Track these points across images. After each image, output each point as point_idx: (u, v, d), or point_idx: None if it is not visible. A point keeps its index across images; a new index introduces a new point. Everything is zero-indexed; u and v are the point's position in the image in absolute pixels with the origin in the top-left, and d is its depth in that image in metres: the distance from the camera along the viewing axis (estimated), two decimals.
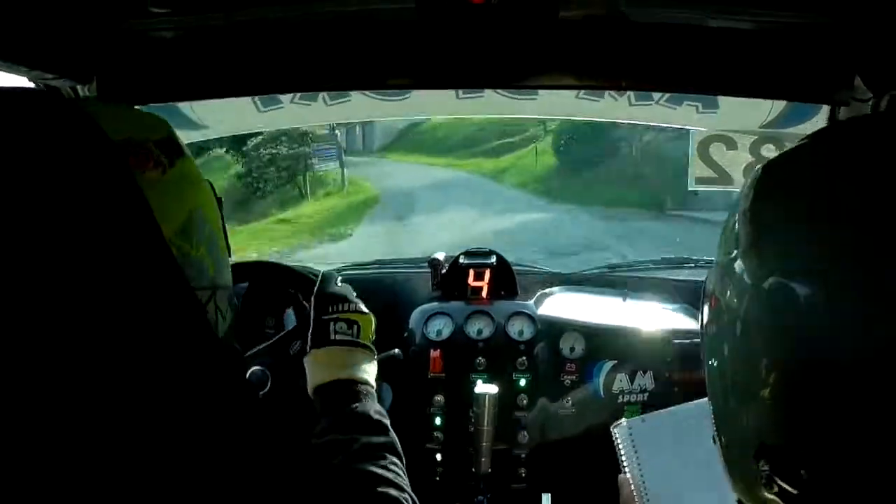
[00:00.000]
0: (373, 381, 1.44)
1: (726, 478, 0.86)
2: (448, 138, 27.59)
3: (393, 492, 1.19)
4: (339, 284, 1.58)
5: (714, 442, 0.88)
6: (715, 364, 0.83)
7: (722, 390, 0.83)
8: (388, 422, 1.35)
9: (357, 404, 1.36)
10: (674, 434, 1.62)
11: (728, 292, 0.79)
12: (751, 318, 0.74)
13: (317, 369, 1.43)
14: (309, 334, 1.48)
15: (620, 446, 1.65)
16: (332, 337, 1.46)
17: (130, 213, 0.74)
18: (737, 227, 0.79)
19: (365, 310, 1.54)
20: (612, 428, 1.68)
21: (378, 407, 1.38)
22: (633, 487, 1.58)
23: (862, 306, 0.65)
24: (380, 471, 1.23)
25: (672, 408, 1.69)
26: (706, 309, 0.86)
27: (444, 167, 25.07)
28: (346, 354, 1.45)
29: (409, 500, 1.22)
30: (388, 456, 1.28)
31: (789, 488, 0.73)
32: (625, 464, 1.62)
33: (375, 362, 1.48)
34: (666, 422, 1.67)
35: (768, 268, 0.73)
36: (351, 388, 1.39)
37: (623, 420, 1.68)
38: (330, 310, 1.51)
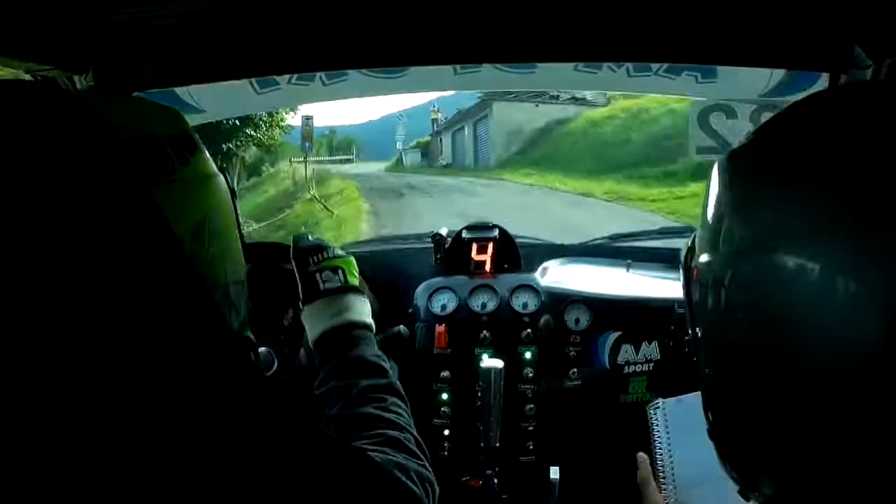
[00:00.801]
0: (368, 321, 1.45)
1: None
2: (585, 151, 25.52)
3: (393, 432, 1.20)
4: (311, 238, 1.59)
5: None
6: (701, 333, 0.84)
7: (706, 359, 0.84)
8: (386, 364, 1.37)
9: (353, 349, 1.37)
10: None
11: (711, 262, 0.79)
12: (732, 288, 0.74)
13: (312, 323, 1.45)
14: (299, 292, 1.50)
15: (654, 426, 1.66)
16: (321, 287, 1.48)
17: (137, 213, 0.73)
18: (721, 196, 0.79)
19: (342, 253, 1.56)
20: (647, 407, 1.69)
21: (375, 350, 1.40)
22: (660, 466, 1.59)
23: (846, 279, 0.64)
24: (379, 412, 1.24)
25: None
26: (690, 277, 0.87)
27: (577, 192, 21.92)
28: (337, 301, 1.46)
29: (413, 439, 1.24)
30: (388, 397, 1.30)
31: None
32: (656, 443, 1.63)
33: (367, 301, 1.50)
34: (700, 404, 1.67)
35: (750, 236, 0.73)
36: (346, 333, 1.41)
37: (659, 400, 1.69)
38: (311, 262, 1.53)
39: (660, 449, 1.62)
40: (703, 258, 0.80)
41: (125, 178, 0.73)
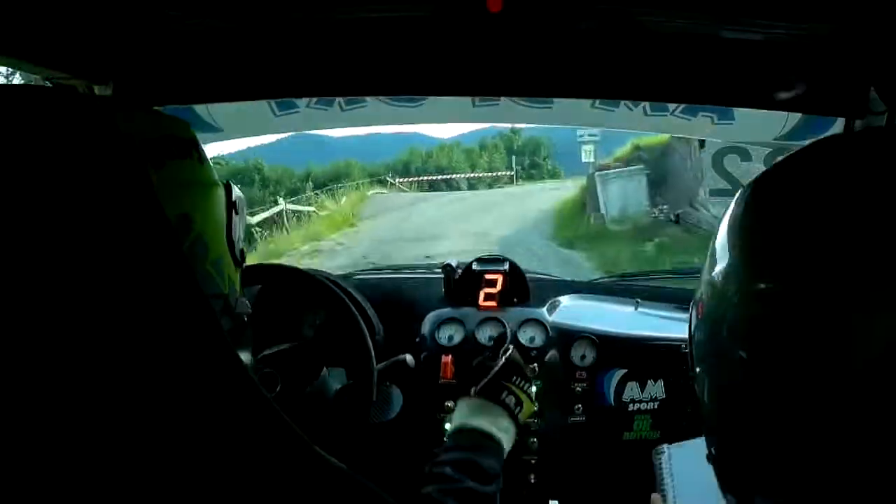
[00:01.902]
0: (506, 445, 1.50)
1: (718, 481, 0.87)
2: None
3: None
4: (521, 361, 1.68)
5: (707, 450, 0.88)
6: (702, 371, 0.84)
7: (708, 394, 0.83)
8: (499, 479, 1.41)
9: (480, 455, 1.41)
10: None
11: (711, 300, 0.80)
12: (732, 325, 0.75)
13: (468, 410, 1.53)
14: (484, 381, 1.58)
15: (659, 472, 1.66)
16: (500, 398, 1.55)
17: (146, 221, 0.74)
18: (724, 234, 0.80)
19: (533, 396, 1.65)
20: (653, 452, 1.69)
21: (496, 466, 1.44)
22: None
23: (848, 321, 0.65)
24: None
25: None
26: (693, 315, 0.87)
27: None
28: (499, 413, 1.53)
29: None
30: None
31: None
32: (662, 489, 1.63)
33: (514, 433, 1.55)
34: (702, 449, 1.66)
35: (753, 277, 0.73)
36: (486, 438, 1.46)
37: (664, 445, 1.69)
38: (513, 379, 1.60)
39: (664, 494, 1.61)
40: (707, 294, 0.81)
41: (136, 182, 0.74)
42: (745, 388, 0.74)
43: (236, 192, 1.14)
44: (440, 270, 2.31)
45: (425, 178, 40.06)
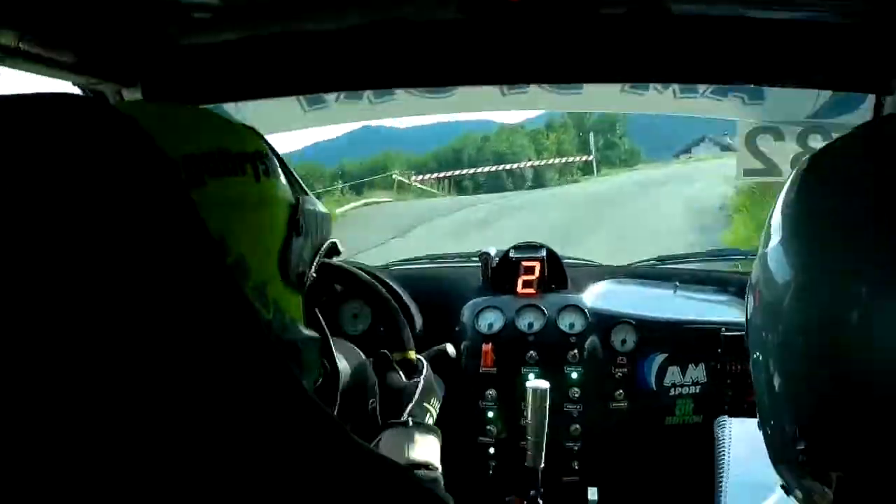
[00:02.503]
0: (438, 465, 1.51)
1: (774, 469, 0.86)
2: None
3: None
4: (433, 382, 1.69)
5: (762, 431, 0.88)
6: (758, 357, 0.82)
7: (766, 381, 0.82)
8: None
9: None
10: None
11: (768, 285, 0.78)
12: (789, 314, 0.73)
13: (401, 444, 1.50)
14: (410, 407, 1.57)
15: (719, 442, 1.66)
16: (424, 420, 1.56)
17: (179, 228, 0.73)
18: (779, 217, 0.78)
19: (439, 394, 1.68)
20: (714, 423, 1.69)
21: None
22: (718, 483, 1.59)
23: None
24: None
25: None
26: (750, 300, 0.86)
27: None
28: (431, 438, 1.53)
29: None
30: None
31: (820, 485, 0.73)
32: (719, 460, 1.62)
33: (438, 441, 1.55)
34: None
35: (807, 262, 0.72)
36: (422, 471, 1.46)
37: (726, 417, 1.68)
38: (431, 402, 1.62)
39: (720, 466, 1.61)
40: (763, 280, 0.80)
41: (169, 194, 0.73)
42: (805, 379, 0.73)
43: (315, 209, 1.09)
44: (477, 259, 2.31)
45: (471, 171, 27.48)
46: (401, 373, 1.64)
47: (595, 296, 2.26)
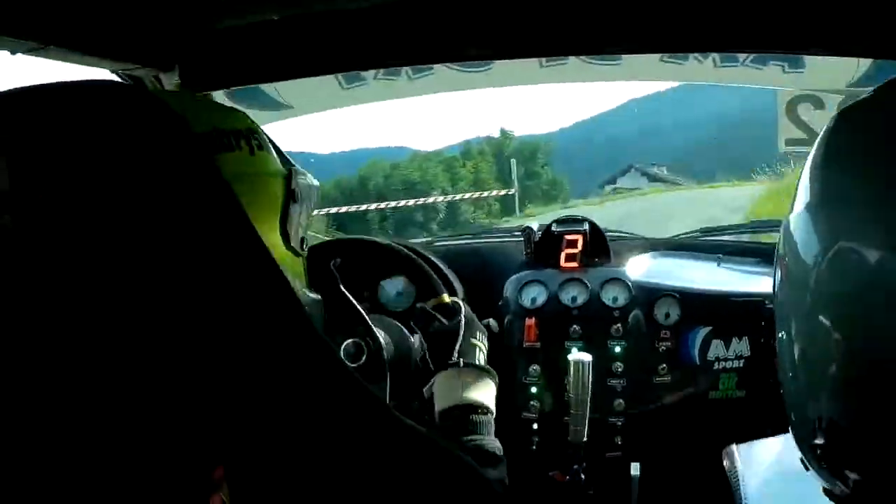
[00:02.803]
0: (492, 406, 1.49)
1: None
2: None
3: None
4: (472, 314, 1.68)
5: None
6: (783, 336, 0.78)
7: (790, 363, 0.78)
8: (501, 454, 1.38)
9: (475, 436, 1.39)
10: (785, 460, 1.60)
11: (795, 257, 0.74)
12: (816, 291, 0.69)
13: (452, 387, 1.49)
14: (457, 345, 1.56)
15: (730, 474, 1.64)
16: (483, 364, 1.55)
17: (221, 209, 0.75)
18: (807, 182, 0.75)
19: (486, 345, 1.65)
20: (723, 454, 1.68)
21: (495, 442, 1.41)
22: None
23: None
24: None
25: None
26: (777, 273, 0.81)
27: None
28: (487, 380, 1.51)
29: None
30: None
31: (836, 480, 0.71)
32: (735, 491, 1.62)
33: (495, 385, 1.54)
34: (775, 447, 1.64)
35: (836, 232, 0.68)
36: (473, 415, 1.43)
37: (732, 446, 1.67)
38: (477, 336, 1.61)
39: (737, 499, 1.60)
40: (789, 251, 0.76)
41: (201, 170, 0.74)
42: (829, 365, 0.69)
43: (306, 180, 1.14)
44: (520, 234, 2.30)
45: (372, 206, 19.61)
46: (441, 319, 1.64)
47: (638, 269, 2.25)
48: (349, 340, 1.77)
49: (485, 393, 1.49)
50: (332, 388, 0.77)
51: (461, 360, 1.53)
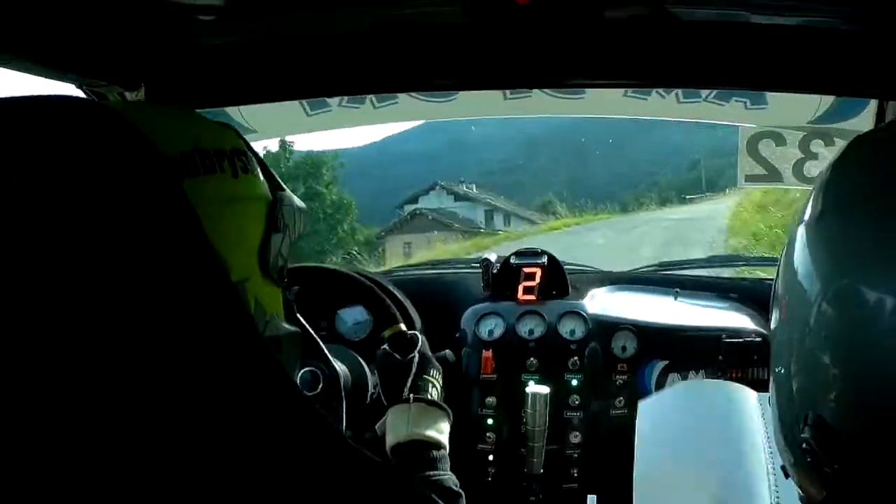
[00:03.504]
0: (446, 442, 1.49)
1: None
2: None
3: None
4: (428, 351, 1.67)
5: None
6: (781, 371, 0.80)
7: (786, 391, 0.79)
8: (460, 491, 1.39)
9: (432, 472, 1.39)
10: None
11: (794, 295, 0.75)
12: (818, 321, 0.70)
13: (406, 422, 1.48)
14: (409, 380, 1.56)
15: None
16: (436, 400, 1.54)
17: (180, 231, 0.74)
18: (804, 227, 0.75)
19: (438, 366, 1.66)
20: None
21: (452, 477, 1.42)
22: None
23: None
24: None
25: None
26: (775, 314, 0.83)
27: None
28: (436, 414, 1.51)
29: None
30: None
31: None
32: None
33: (448, 421, 1.53)
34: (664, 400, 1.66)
35: (839, 270, 0.69)
36: (429, 451, 1.44)
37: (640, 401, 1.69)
38: (430, 373, 1.60)
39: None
40: (789, 292, 0.78)
41: (165, 191, 0.73)
42: (830, 398, 0.70)
43: (293, 206, 1.08)
44: (478, 266, 2.30)
45: None
46: (396, 354, 1.63)
47: (596, 302, 2.26)
48: (306, 369, 1.76)
49: (436, 428, 1.48)
50: (287, 416, 0.76)
51: (411, 395, 1.52)
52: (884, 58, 1.47)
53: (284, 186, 1.09)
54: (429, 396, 1.55)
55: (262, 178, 1.04)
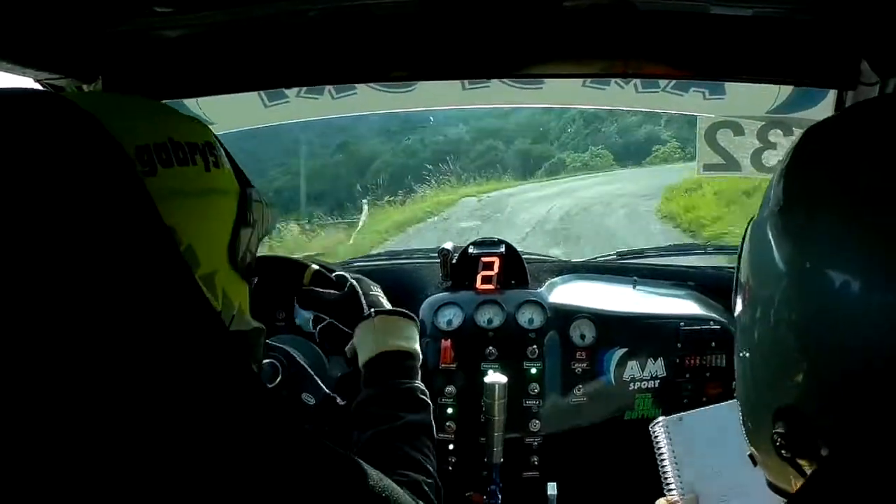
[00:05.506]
0: (418, 349, 1.53)
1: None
2: None
3: (416, 475, 1.22)
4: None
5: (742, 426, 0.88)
6: (745, 355, 0.83)
7: (751, 376, 0.83)
8: (429, 401, 1.42)
9: (405, 380, 1.41)
10: (710, 432, 1.64)
11: (759, 280, 0.78)
12: (783, 305, 0.73)
13: (373, 335, 1.52)
14: (363, 300, 1.62)
15: (658, 444, 1.68)
16: (385, 306, 1.60)
17: (138, 223, 0.73)
18: (772, 204, 0.78)
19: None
20: (650, 427, 1.70)
21: (422, 386, 1.45)
22: (671, 483, 1.60)
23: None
24: (414, 453, 1.27)
25: (709, 407, 1.72)
26: (738, 301, 0.86)
27: None
28: (402, 323, 1.55)
29: (434, 484, 1.26)
30: (423, 438, 1.34)
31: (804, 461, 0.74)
32: (663, 461, 1.65)
33: (416, 327, 1.58)
34: (701, 420, 1.68)
35: (803, 252, 0.72)
36: (401, 361, 1.47)
37: (661, 418, 1.70)
38: (373, 288, 1.66)
39: (665, 466, 1.63)
40: (753, 278, 0.80)
41: (124, 184, 0.73)
42: (797, 380, 0.73)
43: (261, 203, 1.09)
44: (437, 256, 2.30)
45: None
46: (331, 291, 1.72)
47: (554, 291, 2.27)
48: (265, 361, 1.75)
49: (404, 336, 1.50)
50: (249, 411, 0.76)
51: (372, 310, 1.56)
52: (842, 48, 1.49)
53: (251, 183, 1.09)
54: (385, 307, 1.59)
55: (231, 173, 1.04)
